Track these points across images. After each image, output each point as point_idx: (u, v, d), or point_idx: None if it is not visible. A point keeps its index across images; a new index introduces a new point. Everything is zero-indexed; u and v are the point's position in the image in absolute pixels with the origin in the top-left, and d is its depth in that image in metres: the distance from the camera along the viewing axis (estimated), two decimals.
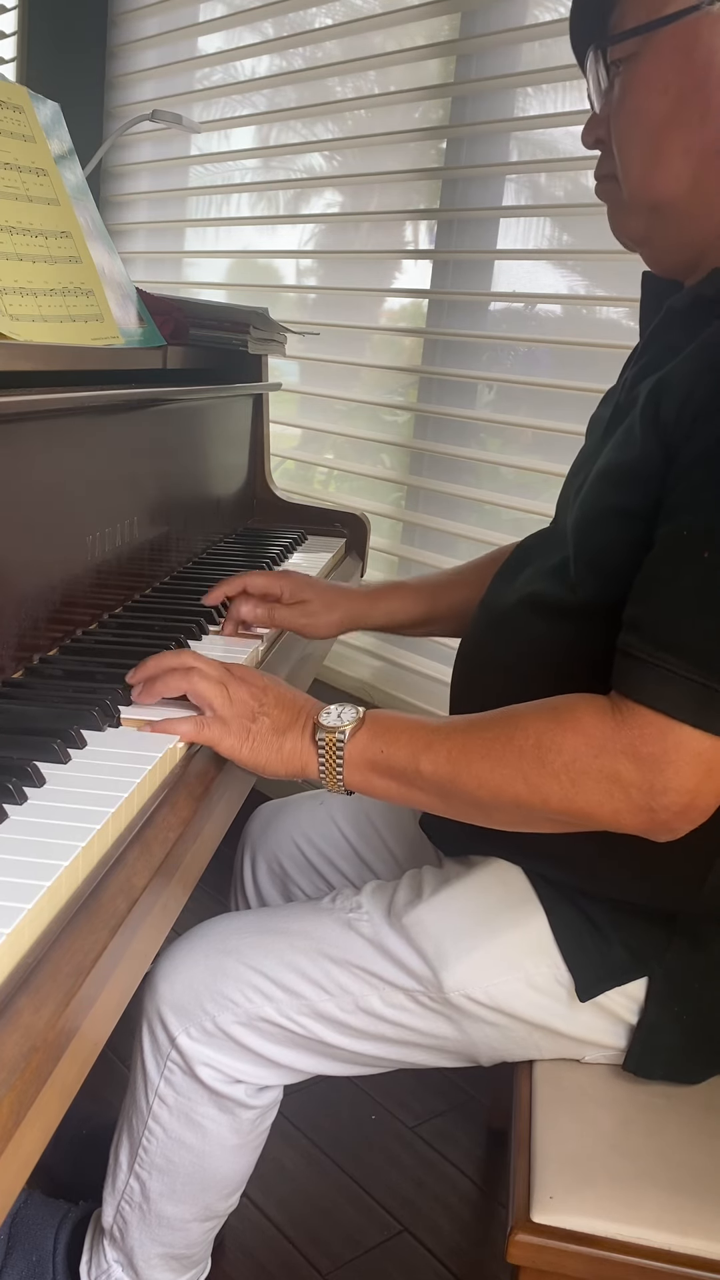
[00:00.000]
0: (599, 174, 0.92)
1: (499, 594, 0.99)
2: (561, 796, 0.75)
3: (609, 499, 0.83)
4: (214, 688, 0.84)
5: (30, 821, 0.67)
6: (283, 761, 0.84)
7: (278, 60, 2.31)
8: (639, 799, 0.73)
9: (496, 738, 0.78)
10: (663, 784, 0.72)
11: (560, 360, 1.80)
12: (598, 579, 0.83)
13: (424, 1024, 0.93)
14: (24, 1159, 0.50)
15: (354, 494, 2.24)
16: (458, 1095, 1.58)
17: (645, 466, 0.80)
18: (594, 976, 0.90)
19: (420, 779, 0.81)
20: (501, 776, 0.77)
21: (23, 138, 1.08)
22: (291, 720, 0.85)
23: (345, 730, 0.82)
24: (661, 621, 0.74)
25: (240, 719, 0.84)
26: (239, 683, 0.85)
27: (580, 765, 0.74)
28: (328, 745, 0.83)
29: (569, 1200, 0.82)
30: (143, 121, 1.92)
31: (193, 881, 0.79)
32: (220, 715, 0.84)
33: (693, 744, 0.72)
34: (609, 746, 0.74)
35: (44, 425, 0.95)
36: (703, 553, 0.72)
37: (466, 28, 1.86)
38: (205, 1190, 1.00)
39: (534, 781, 0.76)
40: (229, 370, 1.62)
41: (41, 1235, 1.12)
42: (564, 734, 0.75)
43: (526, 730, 0.77)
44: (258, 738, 0.84)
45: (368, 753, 0.82)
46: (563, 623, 0.87)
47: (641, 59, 0.82)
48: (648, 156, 0.84)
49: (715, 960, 0.91)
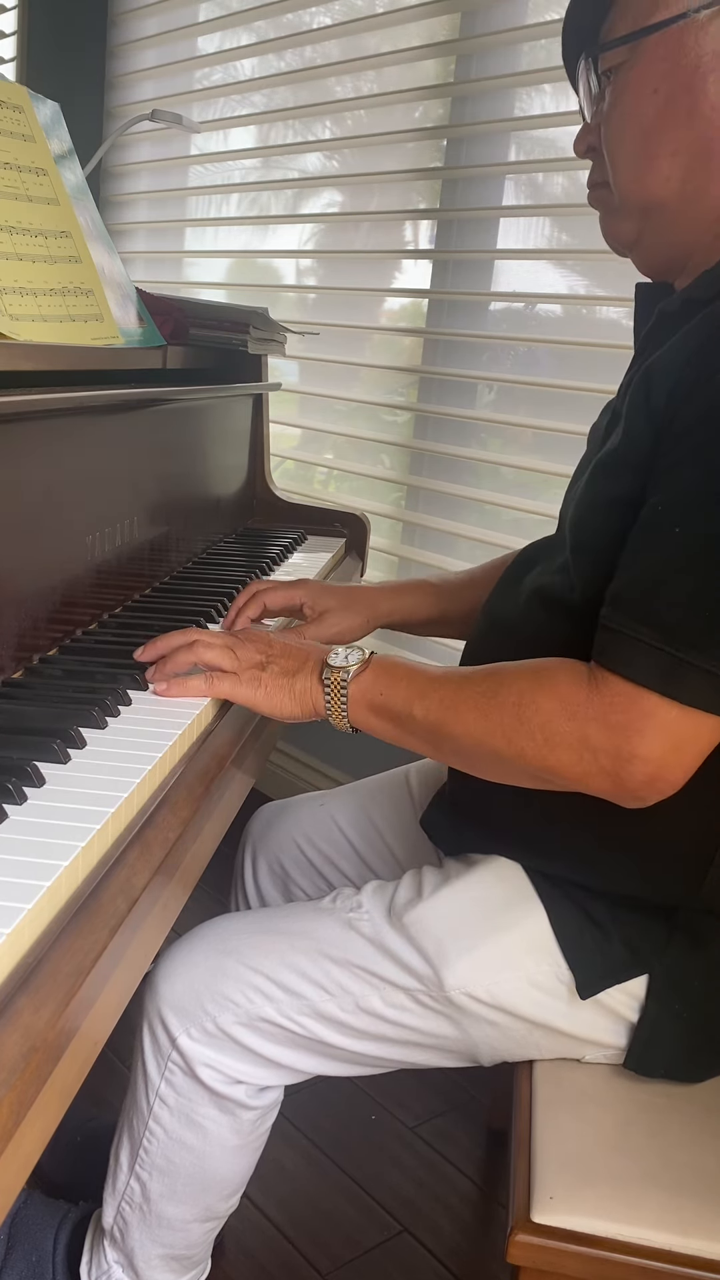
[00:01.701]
0: (591, 182, 0.94)
1: (504, 597, 0.99)
2: (535, 754, 0.79)
3: (601, 490, 0.85)
4: (220, 652, 0.90)
5: (30, 821, 0.67)
6: (296, 700, 0.89)
7: (278, 60, 2.31)
8: (606, 764, 0.76)
9: (484, 692, 0.82)
10: (629, 751, 0.75)
11: (560, 360, 1.80)
12: (594, 569, 0.84)
13: (425, 1024, 0.93)
14: (24, 1159, 0.51)
15: (354, 494, 2.24)
16: (458, 1095, 1.58)
17: (635, 453, 0.81)
18: (594, 974, 0.90)
19: (413, 723, 0.85)
20: (484, 729, 0.81)
21: (23, 137, 1.08)
22: (300, 663, 0.90)
23: (350, 670, 0.88)
24: (634, 594, 0.77)
25: (250, 670, 0.90)
26: (244, 642, 0.92)
27: (554, 726, 0.78)
28: (333, 684, 0.88)
29: (569, 1200, 0.82)
30: (142, 121, 1.92)
31: (193, 881, 0.79)
32: (231, 670, 0.89)
33: (660, 713, 0.74)
34: (581, 712, 0.77)
35: (44, 425, 0.95)
36: (674, 528, 0.75)
37: (466, 28, 1.86)
38: (206, 1191, 1.00)
39: (511, 736, 0.80)
40: (229, 370, 1.62)
41: (41, 1235, 1.12)
42: (542, 695, 0.79)
43: (510, 687, 0.81)
44: (269, 683, 0.89)
45: (369, 694, 0.87)
46: (566, 620, 0.88)
47: (632, 65, 0.84)
48: (638, 158, 0.86)
49: (716, 957, 0.91)
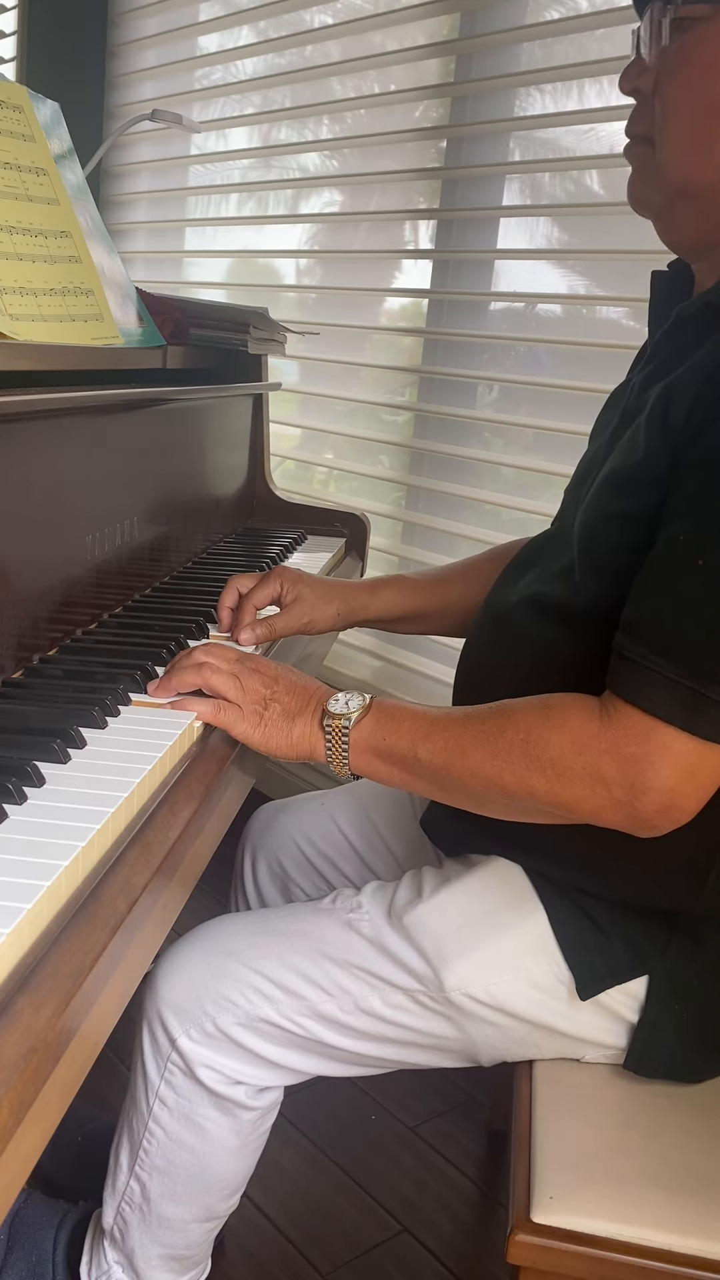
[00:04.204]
0: (630, 131, 0.87)
1: (503, 596, 0.99)
2: (547, 790, 0.78)
3: (613, 504, 0.84)
4: (226, 680, 0.88)
5: (30, 821, 0.67)
6: (292, 745, 0.87)
7: (278, 60, 2.31)
8: (620, 796, 0.75)
9: (489, 730, 0.81)
10: (643, 783, 0.74)
11: (560, 360, 1.80)
12: (601, 583, 0.84)
13: (424, 1024, 0.93)
14: (24, 1159, 0.50)
15: (354, 494, 2.24)
16: (458, 1095, 1.58)
17: (650, 472, 0.80)
18: (594, 975, 0.90)
19: (418, 766, 0.84)
20: (492, 768, 0.80)
21: (23, 137, 1.08)
22: (301, 706, 0.88)
23: (351, 717, 0.86)
24: (654, 625, 0.75)
25: (253, 705, 0.88)
26: (251, 673, 0.89)
27: (565, 761, 0.77)
28: (334, 731, 0.86)
29: (569, 1200, 0.82)
30: (142, 121, 1.92)
31: (193, 881, 0.79)
32: (235, 702, 0.87)
33: (676, 746, 0.74)
34: (593, 745, 0.76)
35: (44, 425, 0.95)
36: (697, 560, 0.74)
37: (466, 28, 1.86)
38: (205, 1191, 1.00)
39: (521, 774, 0.78)
40: (229, 370, 1.62)
41: (41, 1235, 1.12)
42: (551, 730, 0.78)
43: (517, 725, 0.79)
44: (269, 723, 0.87)
45: (371, 739, 0.85)
46: (566, 625, 0.88)
47: (712, 27, 0.78)
48: (692, 136, 0.81)
49: (716, 958, 0.91)
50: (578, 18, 1.68)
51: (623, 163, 0.89)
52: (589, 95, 1.70)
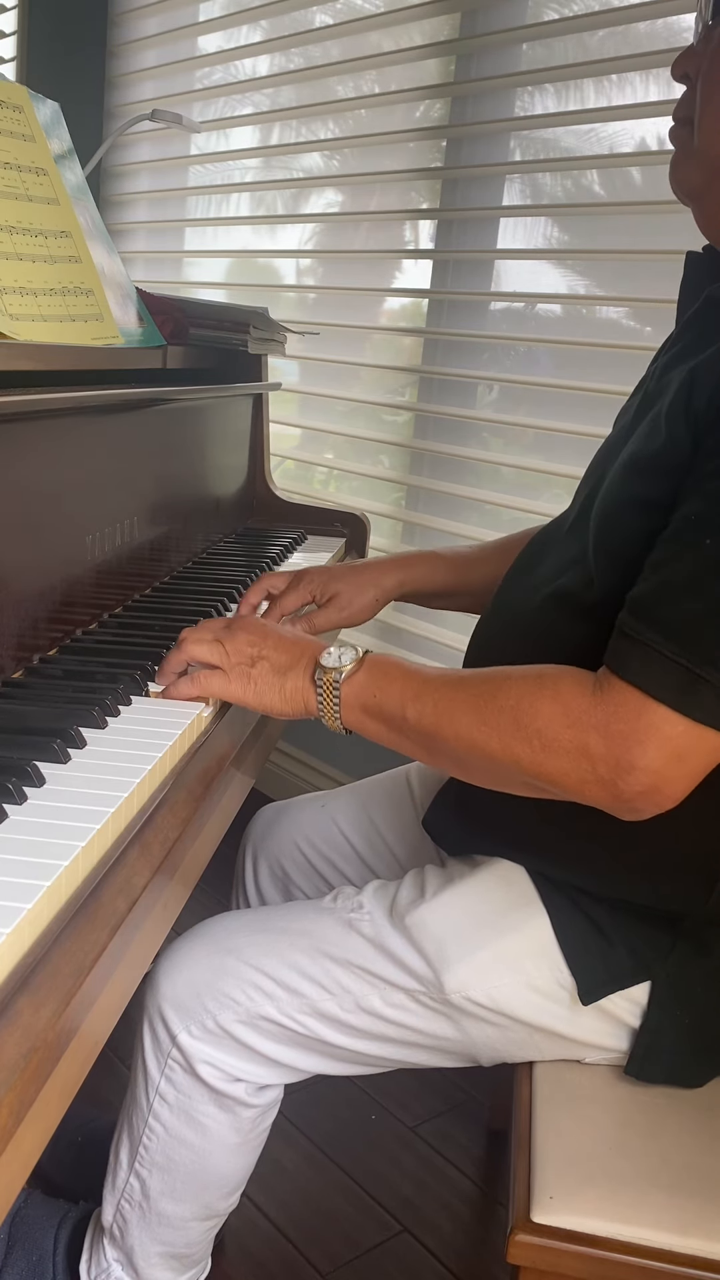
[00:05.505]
0: (677, 114, 0.87)
1: (515, 587, 0.97)
2: (531, 760, 0.77)
3: (632, 489, 0.82)
4: (207, 647, 0.88)
5: (30, 821, 0.67)
6: (286, 700, 0.87)
7: (278, 60, 2.31)
8: (604, 773, 0.74)
9: (480, 694, 0.80)
10: (629, 762, 0.73)
11: (560, 360, 1.80)
12: (616, 570, 0.82)
13: (424, 1024, 0.93)
14: (24, 1158, 0.51)
15: (354, 494, 2.24)
16: (458, 1095, 1.58)
17: (671, 457, 0.79)
18: (596, 980, 0.90)
19: (406, 726, 0.83)
20: (479, 733, 0.79)
21: (23, 137, 1.08)
22: (293, 661, 0.87)
23: (343, 671, 0.85)
24: (655, 602, 0.74)
25: (239, 666, 0.87)
26: (236, 632, 0.89)
27: (552, 733, 0.75)
28: (325, 685, 0.85)
29: (569, 1200, 0.82)
30: (143, 121, 1.92)
31: (193, 881, 0.79)
32: (219, 667, 0.87)
33: (666, 726, 0.72)
34: (583, 719, 0.75)
35: (44, 425, 0.95)
36: (705, 539, 0.73)
37: (466, 28, 1.86)
38: (205, 1189, 1.00)
39: (507, 741, 0.77)
40: (229, 370, 1.62)
41: (41, 1235, 1.12)
42: (543, 700, 0.77)
43: (509, 691, 0.78)
44: (259, 680, 0.87)
45: (362, 695, 0.84)
46: (582, 620, 0.86)
47: None
48: None
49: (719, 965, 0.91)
50: (578, 18, 1.68)
51: (623, 163, 0.89)
52: (589, 95, 1.70)
